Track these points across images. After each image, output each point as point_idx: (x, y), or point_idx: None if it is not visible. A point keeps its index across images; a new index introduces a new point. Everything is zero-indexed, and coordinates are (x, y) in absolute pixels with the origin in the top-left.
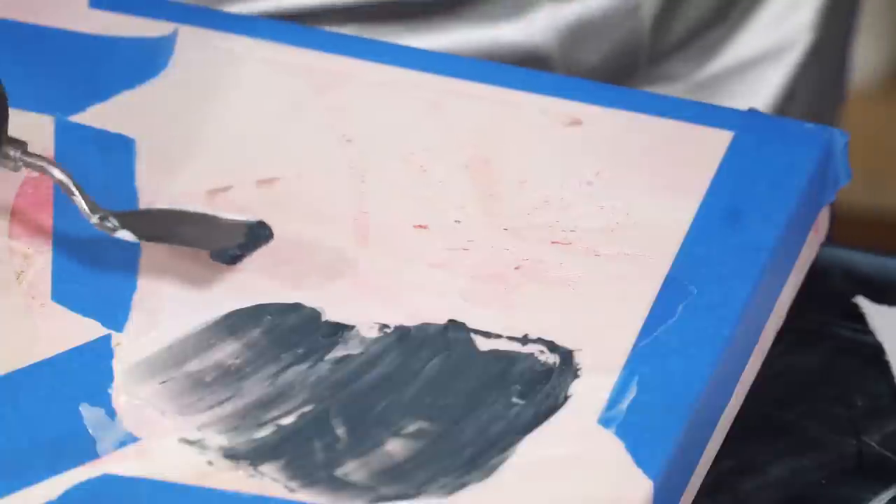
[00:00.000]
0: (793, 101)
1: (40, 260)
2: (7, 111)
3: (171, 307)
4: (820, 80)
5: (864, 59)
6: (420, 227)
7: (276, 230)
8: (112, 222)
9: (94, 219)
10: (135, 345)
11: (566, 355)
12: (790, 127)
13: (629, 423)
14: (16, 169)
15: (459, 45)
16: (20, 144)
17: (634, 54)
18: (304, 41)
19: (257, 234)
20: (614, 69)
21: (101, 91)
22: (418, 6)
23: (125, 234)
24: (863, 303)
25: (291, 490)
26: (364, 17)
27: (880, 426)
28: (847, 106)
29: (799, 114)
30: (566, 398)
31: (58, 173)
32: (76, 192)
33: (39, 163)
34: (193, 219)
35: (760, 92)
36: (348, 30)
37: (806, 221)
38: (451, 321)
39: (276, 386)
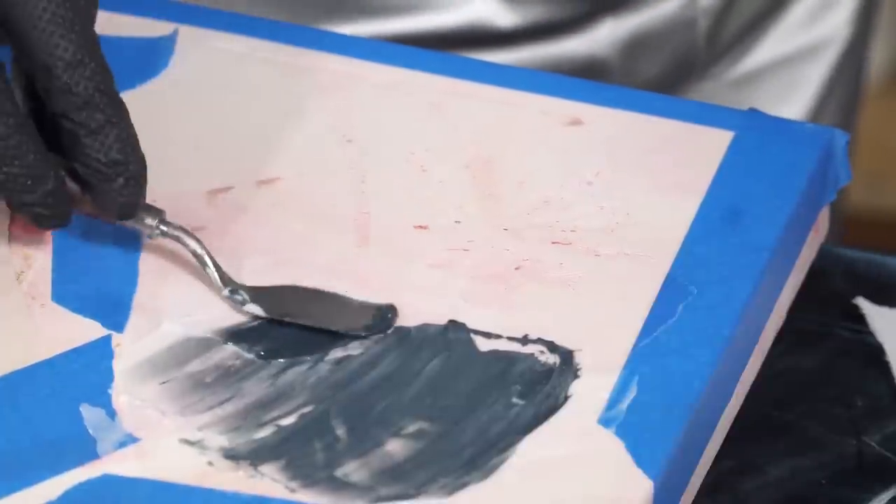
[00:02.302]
0: (831, 97)
1: (40, 260)
2: (146, 179)
3: (171, 308)
4: (856, 78)
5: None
6: (420, 227)
7: (276, 230)
8: (242, 296)
9: (225, 291)
10: (135, 345)
11: (566, 355)
12: (790, 127)
13: (629, 423)
14: (151, 236)
15: (527, 60)
16: (158, 213)
17: (690, 64)
18: (305, 41)
19: (385, 317)
20: (670, 78)
21: None
22: (500, 32)
23: (254, 309)
24: (863, 304)
25: (292, 490)
26: (448, 44)
27: (880, 426)
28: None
29: (836, 111)
30: (566, 398)
31: (194, 244)
32: (210, 265)
33: (176, 233)
34: (323, 298)
35: (800, 89)
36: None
37: (806, 221)
38: (451, 321)
39: (276, 386)
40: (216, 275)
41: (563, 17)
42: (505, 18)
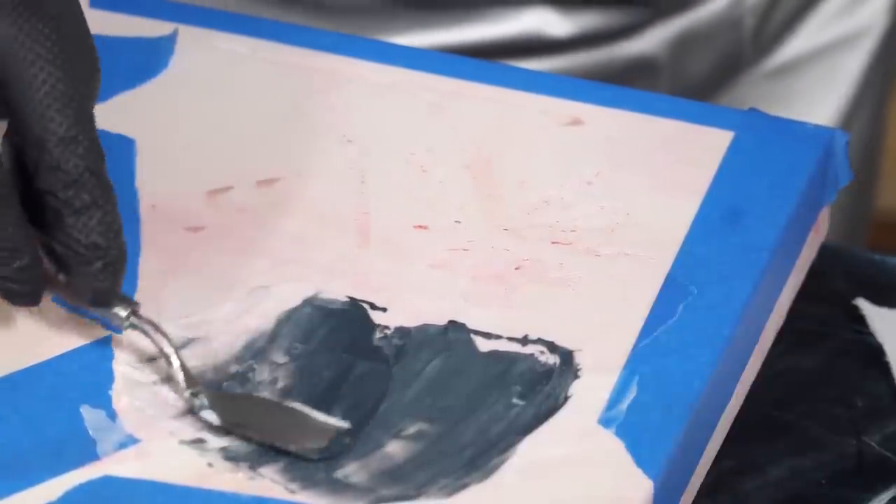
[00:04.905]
0: (868, 87)
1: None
2: (124, 267)
3: (171, 308)
4: (894, 67)
5: None
6: (420, 227)
7: (276, 230)
8: (202, 401)
9: (187, 393)
10: (135, 346)
11: (566, 355)
12: (790, 127)
13: (629, 423)
14: (122, 327)
15: (579, 65)
16: (131, 304)
17: (736, 60)
18: (305, 41)
19: (341, 443)
20: (717, 75)
21: (102, 91)
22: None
23: (210, 416)
24: (864, 305)
25: (291, 492)
26: (503, 54)
27: (880, 426)
28: None
29: (873, 101)
30: (566, 398)
31: (162, 342)
32: (176, 365)
33: (146, 327)
34: (284, 412)
35: (838, 79)
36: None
37: (806, 221)
38: (452, 322)
39: (276, 388)
40: (181, 375)
41: (618, 24)
42: (560, 27)
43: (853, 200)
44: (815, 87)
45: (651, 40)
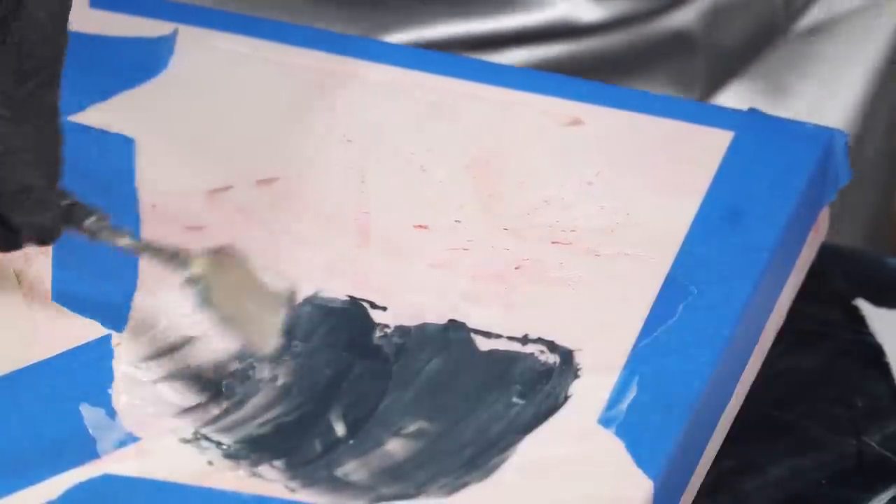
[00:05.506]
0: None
1: (40, 260)
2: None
3: (171, 307)
4: None
5: None
6: (420, 227)
7: (276, 230)
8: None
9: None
10: (135, 345)
11: (566, 355)
12: (790, 127)
13: (629, 423)
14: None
15: (612, 45)
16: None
17: (770, 28)
18: (305, 41)
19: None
20: (753, 44)
21: (102, 91)
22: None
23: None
24: (864, 306)
25: (292, 490)
26: (535, 41)
27: (880, 426)
28: None
29: None
30: (566, 398)
31: (127, 239)
32: (153, 247)
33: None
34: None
35: (869, 39)
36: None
37: (806, 221)
38: (451, 321)
39: (276, 386)
40: (160, 251)
41: (649, 7)
42: (591, 13)
43: (876, 201)
44: (847, 49)
45: (684, 15)
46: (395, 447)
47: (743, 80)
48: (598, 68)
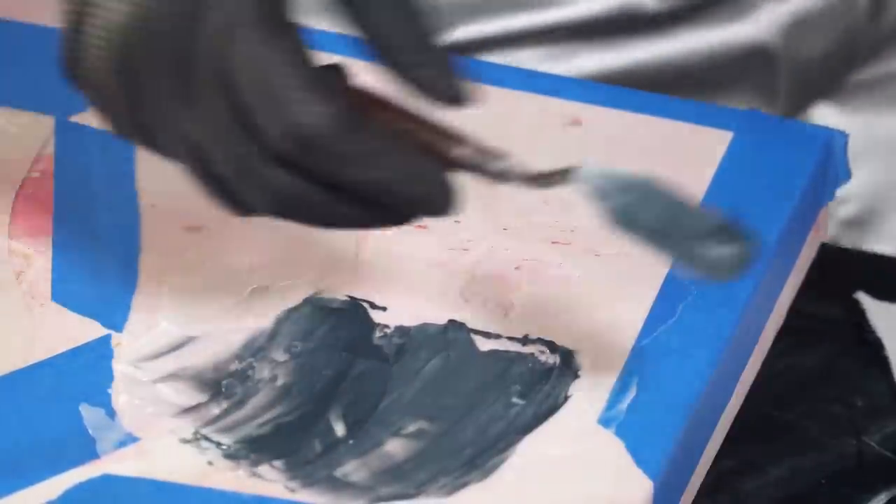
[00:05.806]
0: None
1: (40, 260)
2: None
3: (170, 307)
4: None
5: None
6: (420, 227)
7: (276, 230)
8: None
9: None
10: (134, 345)
11: (566, 355)
12: (790, 127)
13: (629, 423)
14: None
15: (686, 49)
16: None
17: (853, 45)
18: (305, 41)
19: None
20: (835, 61)
21: None
22: (650, 15)
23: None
24: (863, 299)
25: (291, 490)
26: (598, 31)
27: (880, 426)
28: None
29: None
30: (566, 398)
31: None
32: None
33: None
34: None
35: None
36: (550, 49)
37: (806, 221)
38: (451, 321)
39: (276, 386)
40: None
41: None
42: (653, 1)
43: None
44: None
45: (761, 24)
46: (395, 447)
47: (831, 96)
48: (672, 84)
